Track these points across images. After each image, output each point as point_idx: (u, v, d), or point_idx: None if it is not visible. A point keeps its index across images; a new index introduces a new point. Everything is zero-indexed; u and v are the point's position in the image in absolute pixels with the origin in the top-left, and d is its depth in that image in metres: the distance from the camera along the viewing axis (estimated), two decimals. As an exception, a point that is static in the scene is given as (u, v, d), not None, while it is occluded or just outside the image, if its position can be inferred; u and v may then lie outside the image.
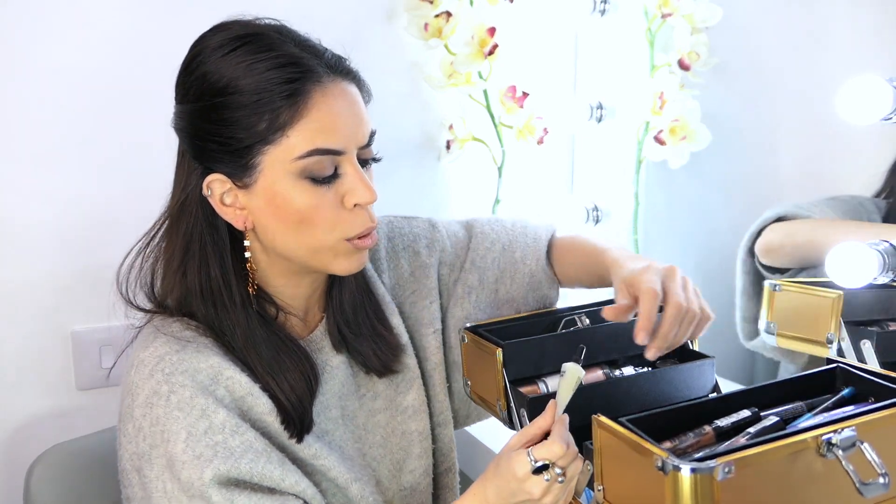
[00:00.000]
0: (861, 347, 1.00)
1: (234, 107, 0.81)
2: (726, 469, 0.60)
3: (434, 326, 1.04)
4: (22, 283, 1.20)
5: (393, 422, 0.99)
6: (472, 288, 1.05)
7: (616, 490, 0.68)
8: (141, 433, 0.82)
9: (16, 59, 1.16)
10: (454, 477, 1.06)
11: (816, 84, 1.27)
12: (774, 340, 1.08)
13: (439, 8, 1.30)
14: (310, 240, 0.84)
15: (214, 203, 0.85)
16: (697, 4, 1.41)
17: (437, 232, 1.08)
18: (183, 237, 0.87)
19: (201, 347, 0.84)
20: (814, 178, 1.31)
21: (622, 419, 0.68)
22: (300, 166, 0.81)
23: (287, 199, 0.82)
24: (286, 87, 0.80)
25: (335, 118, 0.82)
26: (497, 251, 1.06)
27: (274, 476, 0.82)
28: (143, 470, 0.82)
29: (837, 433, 0.64)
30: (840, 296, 0.99)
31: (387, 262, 1.05)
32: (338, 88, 0.83)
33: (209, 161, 0.84)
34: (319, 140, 0.81)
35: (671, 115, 1.43)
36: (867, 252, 0.92)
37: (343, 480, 0.90)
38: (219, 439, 0.80)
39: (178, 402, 0.81)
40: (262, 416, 0.85)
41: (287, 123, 0.80)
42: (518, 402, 0.91)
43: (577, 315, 1.02)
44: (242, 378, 0.84)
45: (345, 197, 0.84)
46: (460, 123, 1.40)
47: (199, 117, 0.83)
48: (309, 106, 0.81)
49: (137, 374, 0.84)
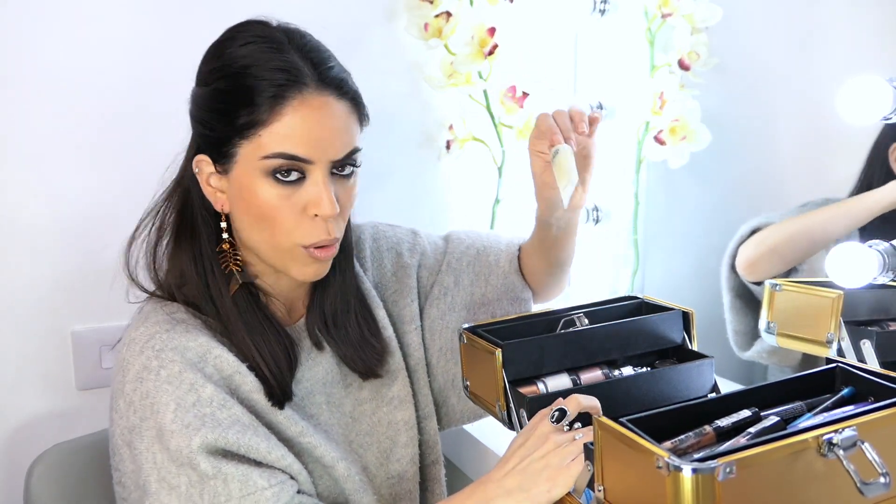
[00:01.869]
0: (861, 347, 1.01)
1: (228, 95, 0.86)
2: (727, 469, 0.60)
3: (415, 323, 1.08)
4: (22, 283, 1.20)
5: (379, 412, 1.02)
6: (447, 289, 1.09)
7: (617, 490, 0.68)
8: (131, 407, 0.85)
9: (16, 59, 1.17)
10: (440, 469, 1.08)
11: (816, 84, 1.27)
12: (775, 340, 1.09)
13: (439, 8, 1.30)
14: (269, 238, 0.88)
15: (202, 182, 0.90)
16: (697, 4, 1.41)
17: (418, 238, 1.13)
18: (178, 211, 0.93)
19: (190, 328, 0.88)
20: (814, 177, 1.31)
21: (623, 419, 0.68)
22: (266, 165, 0.85)
23: (252, 192, 0.86)
24: (271, 90, 0.84)
25: (308, 128, 0.85)
26: (472, 255, 1.12)
27: (260, 448, 0.84)
28: (134, 443, 0.84)
29: (838, 433, 0.63)
30: (840, 295, 0.99)
31: (371, 261, 1.08)
32: (319, 101, 0.86)
33: (201, 141, 0.90)
34: (287, 145, 0.84)
35: (671, 115, 1.43)
36: (867, 252, 0.92)
37: (329, 459, 0.92)
38: (206, 411, 0.83)
39: (167, 375, 0.84)
40: (250, 394, 0.88)
41: (262, 123, 0.84)
42: (517, 403, 0.91)
43: (576, 315, 1.02)
44: (230, 357, 0.87)
45: (307, 205, 0.87)
46: (460, 123, 1.40)
47: (203, 100, 0.89)
48: (285, 111, 0.84)
49: (128, 351, 0.87)
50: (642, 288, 1.59)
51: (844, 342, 1.00)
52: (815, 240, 1.16)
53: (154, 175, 1.23)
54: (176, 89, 0.93)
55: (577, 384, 0.95)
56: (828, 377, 0.80)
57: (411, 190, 1.44)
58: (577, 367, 0.96)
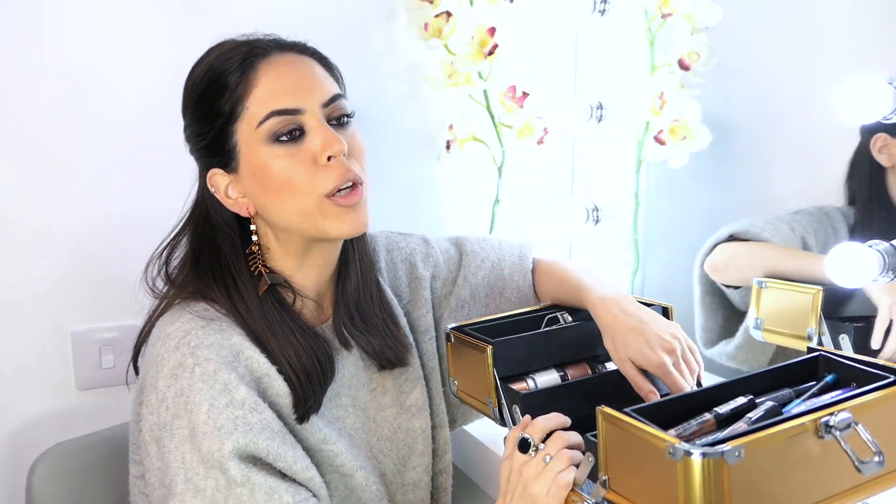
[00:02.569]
0: (839, 341, 1.03)
1: (204, 97, 0.89)
2: (736, 453, 0.62)
3: (430, 334, 1.08)
4: (22, 283, 1.20)
5: (399, 418, 1.02)
6: (464, 301, 1.11)
7: (621, 480, 0.70)
8: (164, 403, 0.84)
9: (16, 59, 1.17)
10: (448, 479, 1.08)
11: (816, 84, 1.26)
12: (762, 336, 1.11)
13: (439, 8, 1.30)
14: (294, 204, 0.88)
15: (220, 198, 0.92)
16: (697, 4, 1.41)
17: (430, 248, 1.13)
18: (196, 232, 0.94)
19: (224, 326, 0.88)
20: (814, 177, 1.31)
21: (627, 410, 0.70)
22: (264, 131, 0.87)
23: (264, 167, 0.87)
24: (237, 65, 0.87)
25: (284, 82, 0.88)
26: (487, 268, 1.13)
27: (287, 458, 0.84)
28: (163, 440, 0.84)
29: (834, 416, 0.67)
30: (819, 291, 1.02)
31: (386, 272, 1.09)
32: (285, 58, 0.90)
33: (206, 158, 0.92)
34: (273, 103, 0.87)
35: (671, 115, 1.43)
36: (867, 252, 0.92)
37: (349, 468, 0.92)
38: (239, 414, 0.82)
39: (202, 374, 0.83)
40: (277, 398, 0.88)
41: (243, 95, 0.87)
42: (510, 399, 0.92)
43: (559, 313, 1.05)
44: (261, 359, 0.87)
45: (316, 154, 0.87)
46: (460, 123, 1.40)
47: (190, 122, 0.92)
48: (258, 76, 0.87)
49: (164, 347, 0.86)
50: (642, 288, 1.59)
51: (825, 337, 1.03)
52: (784, 278, 1.17)
53: (155, 176, 1.24)
54: (176, 91, 0.93)
55: (566, 379, 0.96)
56: (811, 365, 0.83)
57: (411, 190, 1.44)
58: (565, 363, 0.99)
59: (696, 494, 0.61)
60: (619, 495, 0.70)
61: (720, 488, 0.61)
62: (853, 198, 1.21)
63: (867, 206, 1.18)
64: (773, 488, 0.64)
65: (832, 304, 1.04)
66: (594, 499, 0.73)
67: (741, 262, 1.21)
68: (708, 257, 1.26)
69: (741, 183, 1.45)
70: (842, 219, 1.22)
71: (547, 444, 0.79)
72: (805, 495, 0.66)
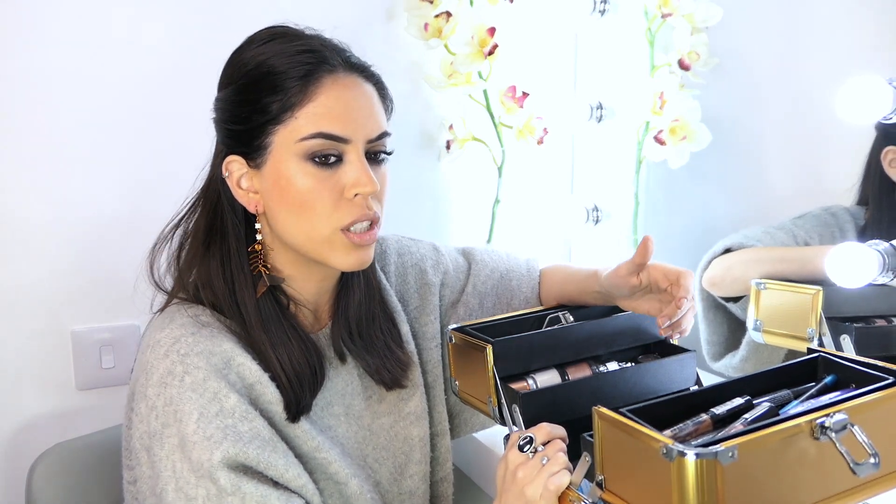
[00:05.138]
0: (840, 342, 1.03)
1: (254, 86, 0.85)
2: (730, 454, 0.62)
3: (436, 341, 1.07)
4: (22, 283, 1.20)
5: (396, 426, 1.01)
6: (472, 310, 1.11)
7: (617, 479, 0.70)
8: (153, 412, 0.83)
9: (17, 59, 1.17)
10: (449, 487, 1.07)
11: (816, 84, 1.26)
12: (762, 338, 1.11)
13: (439, 8, 1.30)
14: (308, 226, 0.87)
15: (231, 185, 0.89)
16: (697, 4, 1.40)
17: (440, 255, 1.13)
18: (207, 215, 0.92)
19: (216, 332, 0.86)
20: (814, 178, 1.31)
21: (623, 409, 0.70)
22: (304, 148, 0.85)
23: (290, 180, 0.85)
24: (301, 70, 0.84)
25: (343, 106, 0.85)
26: (496, 279, 1.14)
27: (278, 466, 0.83)
28: (153, 449, 0.83)
29: (830, 417, 0.66)
30: (819, 291, 1.02)
31: (395, 276, 1.08)
32: (350, 80, 0.87)
33: (230, 141, 0.89)
34: (324, 124, 0.84)
35: (671, 115, 1.43)
36: (867, 252, 0.92)
37: (343, 476, 0.91)
38: (229, 423, 0.82)
39: (191, 382, 0.82)
40: (269, 405, 0.87)
41: (296, 105, 0.84)
42: (510, 399, 0.92)
43: (560, 313, 1.05)
44: (253, 366, 0.86)
45: (345, 187, 0.86)
46: (460, 123, 1.40)
47: (227, 100, 0.88)
48: (319, 91, 0.85)
49: (153, 354, 0.85)
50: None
51: (826, 337, 1.02)
52: (782, 279, 1.16)
53: (155, 175, 1.24)
54: (177, 91, 0.93)
55: (566, 379, 0.96)
56: (811, 366, 0.83)
57: (411, 190, 1.44)
58: (565, 363, 0.99)
59: (690, 495, 0.61)
60: (614, 495, 0.70)
61: (714, 489, 0.61)
62: (866, 198, 1.20)
63: (878, 209, 1.17)
64: (768, 490, 0.64)
65: (836, 302, 1.04)
66: (591, 499, 0.73)
67: (735, 272, 1.20)
68: (705, 273, 1.26)
69: (741, 183, 1.45)
70: (850, 219, 1.21)
71: (546, 447, 0.80)
72: (801, 497, 0.66)
